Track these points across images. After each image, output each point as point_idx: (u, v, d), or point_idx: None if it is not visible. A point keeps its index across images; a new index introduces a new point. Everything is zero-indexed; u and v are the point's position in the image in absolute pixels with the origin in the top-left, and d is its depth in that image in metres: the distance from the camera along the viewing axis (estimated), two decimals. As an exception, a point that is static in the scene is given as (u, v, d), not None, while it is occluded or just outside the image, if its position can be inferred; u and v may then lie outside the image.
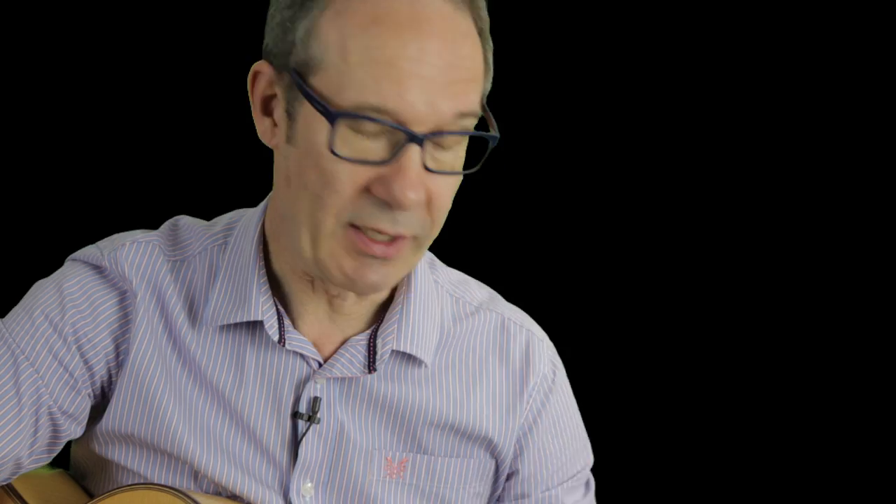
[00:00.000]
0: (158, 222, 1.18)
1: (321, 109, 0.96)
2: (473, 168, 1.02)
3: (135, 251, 1.11)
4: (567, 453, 1.19)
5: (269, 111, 1.02)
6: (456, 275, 1.20)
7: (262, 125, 1.03)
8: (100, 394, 1.11)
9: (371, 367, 1.09)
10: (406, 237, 1.00)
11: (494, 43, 1.03)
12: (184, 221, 1.16)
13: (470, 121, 0.99)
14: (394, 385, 1.11)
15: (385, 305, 1.12)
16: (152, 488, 1.08)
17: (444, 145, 0.98)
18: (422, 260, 1.12)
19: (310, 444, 1.09)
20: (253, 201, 1.15)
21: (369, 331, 1.10)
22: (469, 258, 1.27)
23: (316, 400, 1.08)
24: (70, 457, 1.20)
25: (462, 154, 1.01)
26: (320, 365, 1.09)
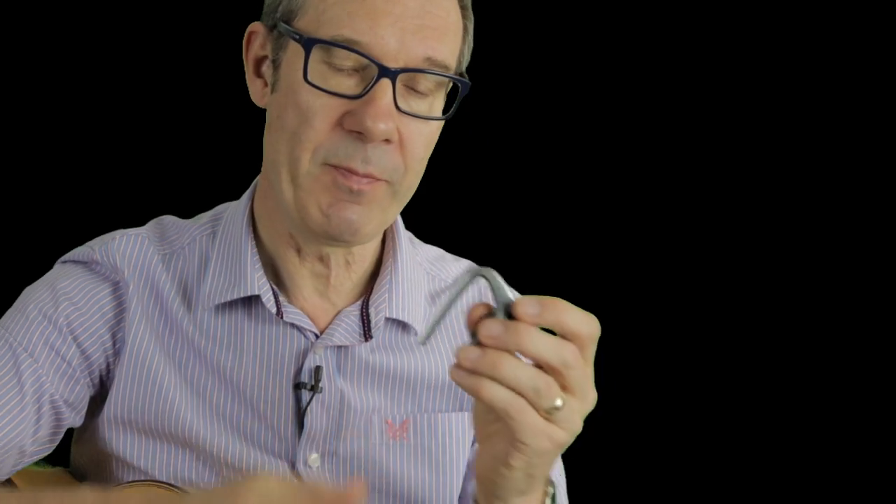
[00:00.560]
0: (145, 223, 1.20)
1: (297, 38, 1.02)
2: (447, 115, 1.07)
3: (125, 243, 1.14)
4: None
5: (261, 73, 1.09)
6: (434, 251, 1.24)
7: (255, 86, 1.10)
8: (98, 383, 1.12)
9: (367, 335, 1.12)
10: (380, 179, 1.03)
11: (494, 42, 1.08)
12: (168, 219, 1.19)
13: (442, 71, 1.03)
14: (388, 353, 1.13)
15: (372, 281, 1.15)
16: (152, 485, 1.09)
17: (418, 90, 1.03)
18: (403, 236, 1.17)
19: (314, 414, 1.10)
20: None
21: (360, 301, 1.13)
22: (469, 258, 1.29)
23: (318, 369, 1.10)
24: (70, 458, 1.19)
25: (438, 107, 1.06)
26: (317, 336, 1.11)
